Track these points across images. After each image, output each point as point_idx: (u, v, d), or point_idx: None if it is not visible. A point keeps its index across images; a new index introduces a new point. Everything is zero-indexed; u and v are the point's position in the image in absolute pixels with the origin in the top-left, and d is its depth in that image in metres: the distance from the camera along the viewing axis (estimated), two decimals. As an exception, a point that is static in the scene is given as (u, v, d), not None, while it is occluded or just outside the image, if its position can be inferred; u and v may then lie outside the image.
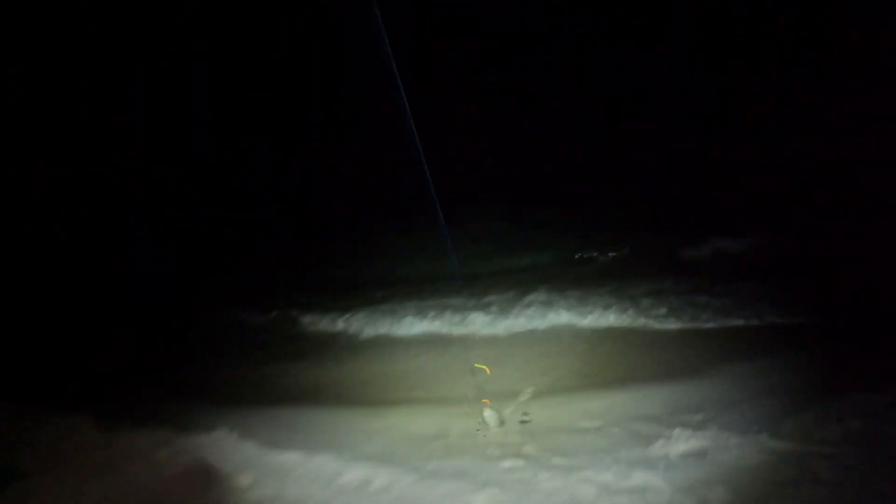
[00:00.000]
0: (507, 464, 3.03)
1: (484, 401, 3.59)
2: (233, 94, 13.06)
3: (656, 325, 4.99)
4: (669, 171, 10.97)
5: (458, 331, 5.73)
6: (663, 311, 5.14)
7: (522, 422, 3.62)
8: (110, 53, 11.06)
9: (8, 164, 9.92)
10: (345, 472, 3.24)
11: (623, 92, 12.92)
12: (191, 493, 3.37)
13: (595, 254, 7.61)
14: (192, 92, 12.53)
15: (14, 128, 10.00)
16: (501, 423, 3.60)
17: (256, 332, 6.82)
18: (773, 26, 11.36)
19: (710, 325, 4.84)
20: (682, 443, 2.76)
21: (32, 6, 9.76)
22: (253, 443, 3.72)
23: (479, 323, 5.76)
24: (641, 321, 5.09)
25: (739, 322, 4.78)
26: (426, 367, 5.10)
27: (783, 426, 2.77)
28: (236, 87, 13.18)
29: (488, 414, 3.61)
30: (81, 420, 4.32)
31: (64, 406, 4.61)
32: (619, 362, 4.47)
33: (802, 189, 8.63)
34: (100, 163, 11.24)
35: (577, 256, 7.67)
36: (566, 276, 6.84)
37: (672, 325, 4.94)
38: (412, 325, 5.99)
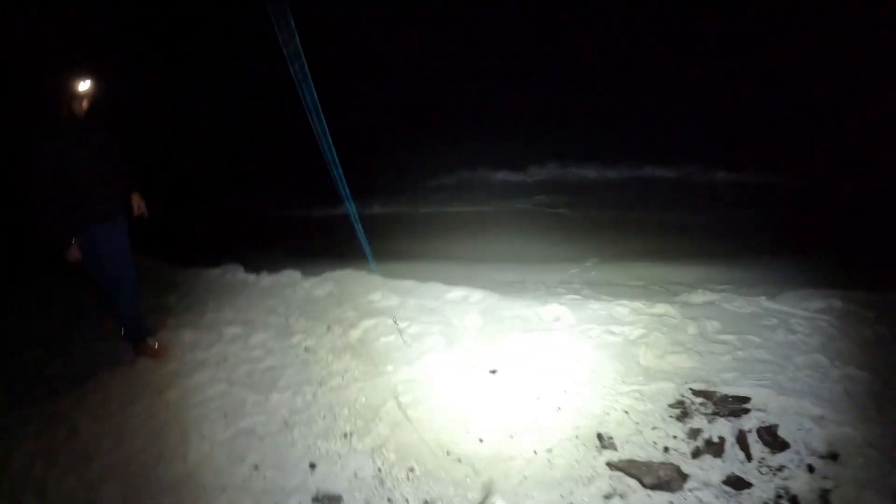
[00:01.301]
0: (568, 297, 4.16)
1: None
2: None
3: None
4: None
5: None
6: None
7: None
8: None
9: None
10: (449, 291, 4.43)
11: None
12: (335, 304, 4.52)
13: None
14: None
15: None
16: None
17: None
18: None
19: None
20: (700, 296, 3.75)
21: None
22: (377, 275, 4.87)
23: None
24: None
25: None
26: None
27: (781, 296, 3.69)
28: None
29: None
30: (232, 267, 5.67)
31: (215, 263, 5.84)
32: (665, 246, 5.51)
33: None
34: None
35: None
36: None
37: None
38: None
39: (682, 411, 2.81)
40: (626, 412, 2.82)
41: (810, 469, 2.44)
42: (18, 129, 3.59)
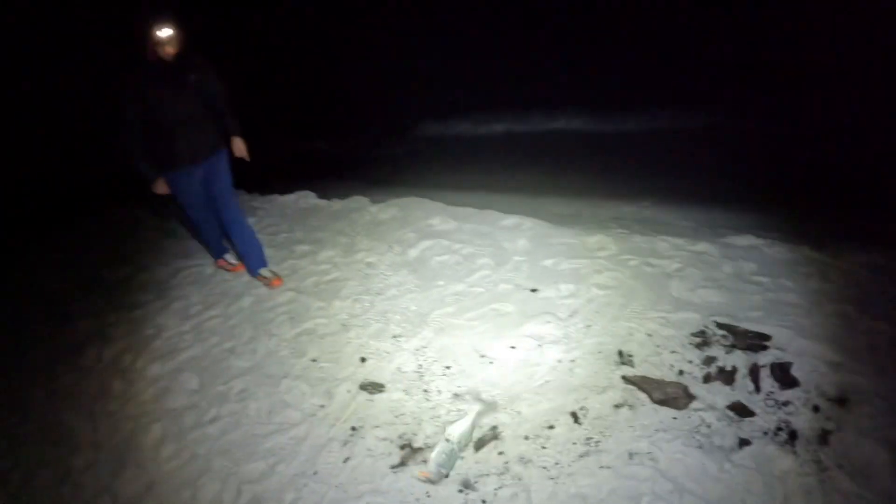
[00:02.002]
0: (616, 230, 4.35)
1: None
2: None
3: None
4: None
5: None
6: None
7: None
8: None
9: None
10: (504, 219, 4.70)
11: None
12: (398, 226, 4.89)
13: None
14: None
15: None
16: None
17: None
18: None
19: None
20: (744, 240, 3.84)
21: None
22: (438, 202, 5.24)
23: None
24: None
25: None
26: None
27: (825, 246, 3.71)
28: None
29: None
30: (305, 194, 6.12)
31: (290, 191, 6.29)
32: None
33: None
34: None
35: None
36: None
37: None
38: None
39: (702, 340, 3.01)
40: (650, 335, 3.06)
41: (815, 409, 2.52)
42: (115, 71, 3.88)
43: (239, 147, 4.06)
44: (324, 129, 12.22)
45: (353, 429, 2.85)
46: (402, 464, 2.59)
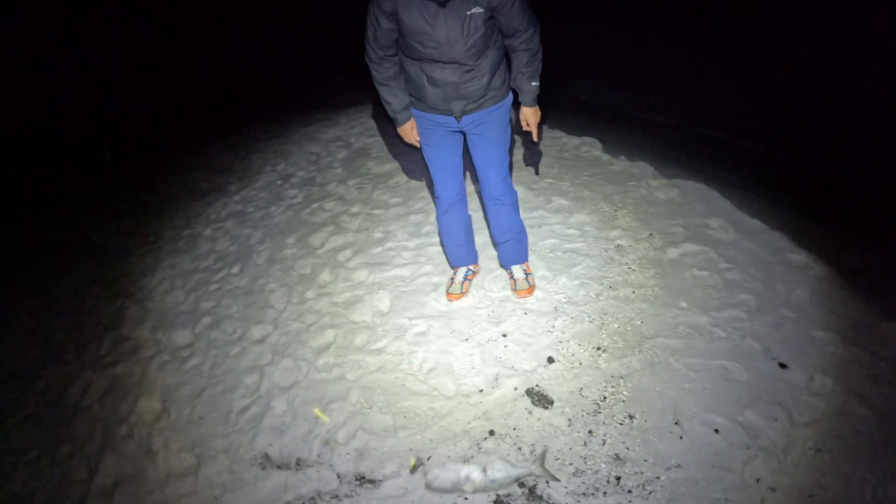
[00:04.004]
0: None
1: None
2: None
3: None
4: None
5: None
6: None
7: None
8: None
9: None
10: (794, 252, 3.76)
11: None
12: (670, 214, 4.32)
13: None
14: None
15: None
16: None
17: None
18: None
19: None
20: None
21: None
22: (727, 200, 4.40)
23: None
24: None
25: None
26: None
27: None
28: None
29: None
30: (590, 141, 5.65)
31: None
32: None
33: None
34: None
35: None
36: None
37: None
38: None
39: None
40: None
41: None
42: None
43: (526, 121, 3.19)
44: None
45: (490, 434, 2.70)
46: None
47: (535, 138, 3.18)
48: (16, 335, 4.17)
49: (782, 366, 2.82)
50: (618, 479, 2.38)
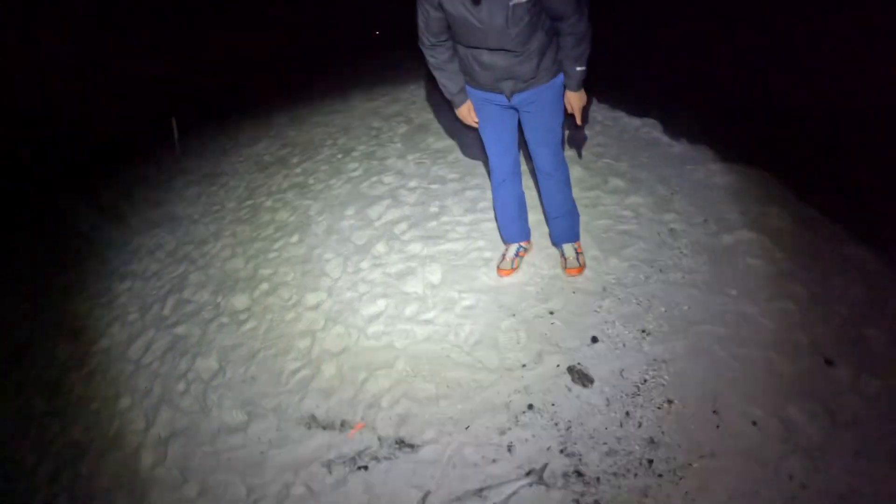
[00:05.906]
0: None
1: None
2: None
3: None
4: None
5: None
6: None
7: None
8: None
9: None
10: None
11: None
12: (726, 200, 4.21)
13: None
14: None
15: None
16: None
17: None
18: None
19: None
20: None
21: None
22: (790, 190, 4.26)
23: None
24: None
25: None
26: None
27: None
28: None
29: None
30: (651, 123, 5.53)
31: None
32: None
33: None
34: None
35: None
36: None
37: None
38: None
39: None
40: None
41: None
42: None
43: (571, 105, 3.14)
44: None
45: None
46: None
47: (578, 122, 3.13)
48: (82, 296, 4.55)
49: (829, 362, 2.79)
50: (650, 462, 2.46)
